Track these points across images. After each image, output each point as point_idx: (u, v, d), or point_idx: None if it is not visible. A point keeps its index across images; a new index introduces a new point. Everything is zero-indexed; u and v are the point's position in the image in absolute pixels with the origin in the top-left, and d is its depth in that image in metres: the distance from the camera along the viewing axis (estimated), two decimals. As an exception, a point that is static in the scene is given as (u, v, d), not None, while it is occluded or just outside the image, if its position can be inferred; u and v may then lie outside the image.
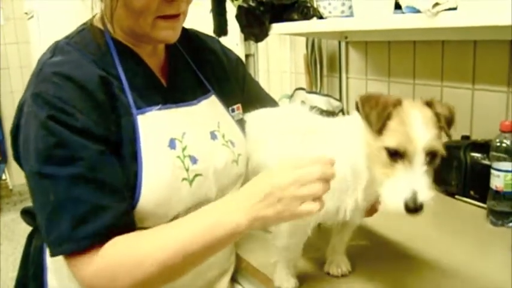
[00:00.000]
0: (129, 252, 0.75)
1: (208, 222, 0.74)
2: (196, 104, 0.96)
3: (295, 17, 1.56)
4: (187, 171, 0.87)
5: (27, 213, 1.01)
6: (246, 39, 2.03)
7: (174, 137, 0.87)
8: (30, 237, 1.00)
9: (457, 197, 1.31)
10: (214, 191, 0.92)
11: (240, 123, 1.06)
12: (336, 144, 0.85)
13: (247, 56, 2.36)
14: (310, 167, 0.72)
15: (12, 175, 4.15)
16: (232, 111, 1.05)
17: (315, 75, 1.99)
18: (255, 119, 1.07)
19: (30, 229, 1.03)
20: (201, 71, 1.02)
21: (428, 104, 0.76)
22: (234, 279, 1.08)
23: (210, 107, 0.99)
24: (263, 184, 0.74)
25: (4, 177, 4.19)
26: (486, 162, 1.21)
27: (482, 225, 1.15)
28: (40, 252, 0.94)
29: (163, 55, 0.97)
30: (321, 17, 1.49)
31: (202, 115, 0.95)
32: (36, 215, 0.79)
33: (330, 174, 0.72)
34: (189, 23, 0.95)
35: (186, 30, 1.02)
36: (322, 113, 0.97)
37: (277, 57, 2.27)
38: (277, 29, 1.61)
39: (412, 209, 0.68)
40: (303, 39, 2.01)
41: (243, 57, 2.28)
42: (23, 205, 1.05)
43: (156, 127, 0.86)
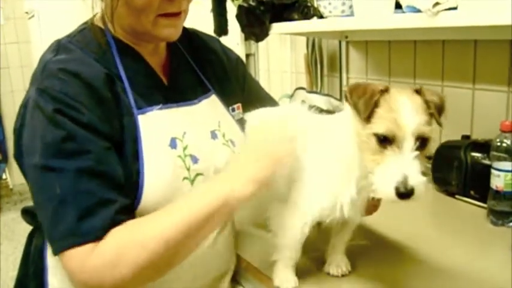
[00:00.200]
0: (131, 235, 0.74)
1: (202, 193, 0.79)
2: (197, 103, 0.96)
3: (296, 16, 1.56)
4: (189, 170, 0.87)
5: (27, 213, 1.01)
6: (247, 38, 2.03)
7: (174, 136, 0.87)
8: (31, 236, 1.00)
9: (457, 196, 1.31)
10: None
11: (240, 122, 1.06)
12: (329, 140, 0.85)
13: (248, 55, 2.36)
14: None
15: (13, 175, 4.15)
16: (233, 110, 1.05)
17: (315, 74, 1.99)
18: (255, 118, 1.07)
19: (30, 228, 1.02)
20: (201, 71, 1.02)
21: (417, 91, 0.76)
22: (234, 280, 1.07)
23: (211, 106, 0.99)
24: (244, 155, 0.85)
25: (4, 176, 4.20)
26: (486, 162, 1.21)
27: (483, 225, 1.15)
28: (40, 252, 0.94)
29: (164, 54, 0.97)
30: (321, 17, 1.49)
31: (202, 114, 0.95)
32: (38, 211, 0.78)
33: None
34: (190, 23, 0.95)
35: (186, 30, 1.02)
36: (322, 112, 0.96)
37: (277, 56, 2.27)
38: (278, 28, 1.61)
39: (403, 193, 0.68)
40: (304, 39, 2.01)
41: (244, 57, 2.28)
42: (23, 205, 1.05)
43: (157, 127, 0.86)
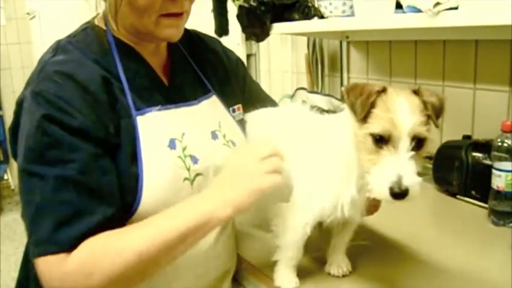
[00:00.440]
0: (106, 245, 0.73)
1: (183, 211, 0.76)
2: (197, 104, 0.96)
3: (296, 16, 1.56)
4: (189, 170, 0.87)
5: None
6: (247, 39, 2.03)
7: (173, 137, 0.87)
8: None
9: (458, 196, 1.31)
10: (214, 191, 0.92)
11: (241, 123, 1.06)
12: (329, 140, 0.85)
13: (249, 55, 2.36)
14: (261, 146, 0.79)
15: (14, 175, 4.15)
16: (233, 111, 1.05)
17: (316, 74, 1.99)
18: (255, 119, 1.08)
19: (31, 229, 1.02)
20: (202, 71, 1.02)
21: (415, 92, 0.76)
22: (235, 280, 1.07)
23: (211, 107, 0.99)
24: (230, 170, 0.80)
25: (6, 177, 4.20)
26: (487, 162, 1.21)
27: (484, 225, 1.15)
28: (41, 253, 0.94)
29: (165, 54, 0.97)
30: (322, 17, 1.49)
31: (202, 115, 0.95)
32: (22, 213, 0.77)
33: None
34: (190, 23, 0.95)
35: (187, 31, 1.02)
36: (323, 112, 0.96)
37: (278, 57, 2.27)
38: (278, 28, 1.61)
39: (397, 193, 0.68)
40: (304, 39, 2.01)
41: (245, 57, 2.28)
42: (25, 205, 1.05)
43: (156, 128, 0.85)
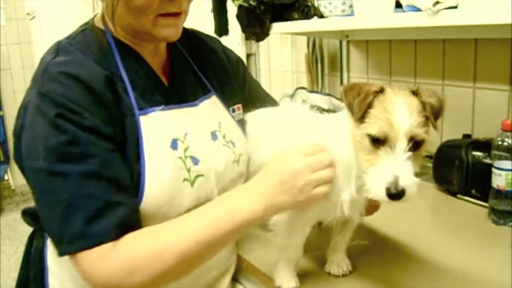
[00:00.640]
0: (147, 245, 0.75)
1: (225, 210, 0.78)
2: (198, 104, 0.96)
3: (296, 16, 1.56)
4: (189, 171, 0.87)
5: (28, 214, 1.01)
6: (247, 38, 2.03)
7: (176, 137, 0.87)
8: (31, 238, 1.00)
9: (458, 196, 1.31)
10: (215, 192, 0.92)
11: (241, 123, 1.06)
12: (328, 139, 0.85)
13: (249, 55, 2.36)
14: (319, 155, 0.79)
15: (15, 175, 4.16)
16: (233, 111, 1.05)
17: (316, 74, 1.99)
18: (255, 118, 1.08)
19: (32, 229, 1.03)
20: (201, 71, 1.02)
21: (414, 92, 0.76)
22: (235, 279, 1.08)
23: (211, 107, 0.99)
24: (277, 171, 0.79)
25: (6, 177, 4.20)
26: (488, 161, 1.20)
27: (484, 224, 1.15)
28: (41, 253, 0.94)
29: (164, 55, 0.97)
30: (321, 16, 1.49)
31: (203, 115, 0.95)
32: (41, 214, 0.78)
33: (331, 160, 0.80)
34: (190, 23, 0.95)
35: (186, 30, 1.02)
36: (323, 112, 0.96)
37: (278, 56, 2.27)
38: (278, 28, 1.61)
39: (394, 194, 0.68)
40: (304, 39, 2.01)
41: (244, 57, 2.28)
42: (26, 205, 1.05)
43: (159, 128, 0.86)
